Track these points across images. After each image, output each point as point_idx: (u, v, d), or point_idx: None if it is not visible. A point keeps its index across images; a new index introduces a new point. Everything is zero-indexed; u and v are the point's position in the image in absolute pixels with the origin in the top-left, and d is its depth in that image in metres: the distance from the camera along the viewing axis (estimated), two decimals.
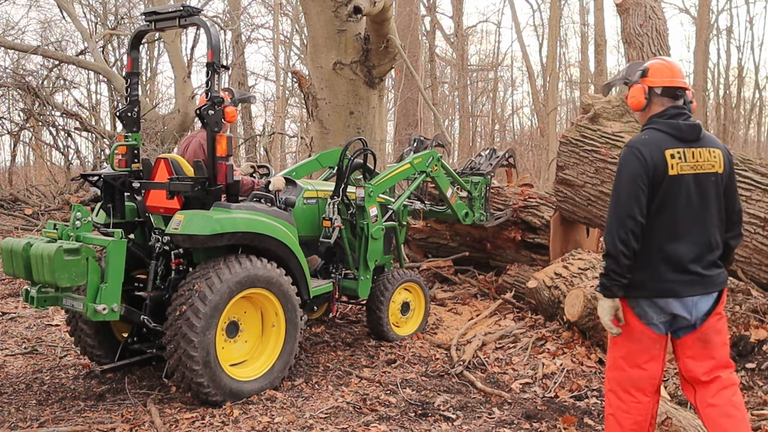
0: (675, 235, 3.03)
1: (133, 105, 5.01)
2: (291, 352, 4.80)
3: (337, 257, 5.75)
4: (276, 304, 4.71)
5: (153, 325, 4.54)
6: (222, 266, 4.42)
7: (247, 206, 4.76)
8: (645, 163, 3.00)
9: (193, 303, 4.25)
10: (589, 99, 7.02)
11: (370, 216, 5.63)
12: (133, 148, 4.99)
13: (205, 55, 5.61)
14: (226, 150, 4.60)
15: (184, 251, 4.71)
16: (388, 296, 5.80)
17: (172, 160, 4.82)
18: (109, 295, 4.21)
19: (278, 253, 4.83)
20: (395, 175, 6.10)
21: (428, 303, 6.18)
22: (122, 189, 4.85)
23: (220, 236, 4.45)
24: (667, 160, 3.01)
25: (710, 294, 3.08)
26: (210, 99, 4.57)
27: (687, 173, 3.04)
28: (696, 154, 3.06)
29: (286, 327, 4.77)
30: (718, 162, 3.10)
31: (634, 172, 3.01)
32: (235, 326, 4.63)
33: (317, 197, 5.70)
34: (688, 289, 3.03)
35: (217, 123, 4.59)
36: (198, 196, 4.59)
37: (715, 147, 3.12)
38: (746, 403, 4.23)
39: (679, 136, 3.07)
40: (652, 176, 3.00)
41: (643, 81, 3.17)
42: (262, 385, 4.62)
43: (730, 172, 3.16)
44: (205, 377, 4.27)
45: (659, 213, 3.04)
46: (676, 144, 3.05)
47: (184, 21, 4.67)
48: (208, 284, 4.31)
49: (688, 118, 3.12)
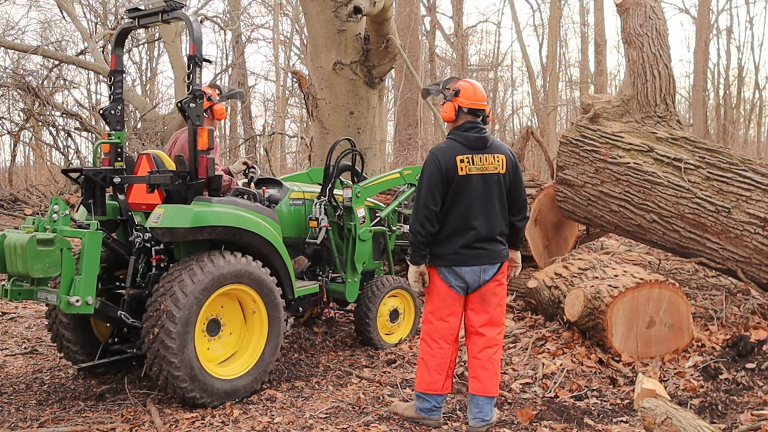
0: (467, 219, 3.92)
1: (117, 103, 4.96)
2: (273, 354, 4.67)
3: (324, 259, 5.65)
4: (258, 301, 4.60)
5: (131, 321, 4.41)
6: (203, 261, 4.32)
7: (228, 201, 4.68)
8: (439, 166, 3.89)
9: (172, 297, 4.15)
10: (589, 99, 7.02)
11: (357, 217, 5.55)
12: (117, 146, 4.92)
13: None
14: (207, 143, 4.52)
15: (165, 247, 4.61)
16: (376, 303, 5.65)
17: (154, 156, 4.76)
18: (83, 287, 4.10)
19: (261, 250, 4.73)
20: (384, 182, 6.03)
21: (418, 310, 6.01)
22: (103, 185, 4.75)
23: (201, 230, 4.35)
24: (457, 163, 3.89)
25: (494, 264, 4.00)
26: (191, 92, 4.51)
27: (474, 173, 3.92)
28: (482, 158, 3.94)
29: (269, 327, 4.64)
30: (501, 164, 3.98)
31: (431, 173, 3.90)
32: (216, 324, 4.52)
33: (304, 198, 5.59)
34: (476, 260, 3.95)
35: (198, 116, 4.51)
36: (179, 190, 4.51)
37: (500, 153, 4.00)
38: (746, 403, 4.24)
39: (469, 145, 3.94)
40: (445, 176, 3.88)
41: (455, 100, 3.99)
42: (240, 386, 4.49)
43: (514, 172, 4.02)
44: (183, 372, 4.17)
45: (454, 203, 3.92)
46: (466, 151, 3.92)
47: (166, 16, 4.63)
48: (188, 278, 4.21)
49: (480, 131, 3.98)
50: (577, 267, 5.91)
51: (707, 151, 5.96)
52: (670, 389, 4.55)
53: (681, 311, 5.19)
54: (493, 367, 4.02)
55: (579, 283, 5.62)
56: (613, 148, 6.26)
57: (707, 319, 5.70)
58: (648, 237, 6.19)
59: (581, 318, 5.27)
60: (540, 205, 7.00)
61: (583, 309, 5.24)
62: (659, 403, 3.46)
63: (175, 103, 5.01)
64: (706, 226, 5.71)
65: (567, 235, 7.38)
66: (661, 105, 6.77)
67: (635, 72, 6.87)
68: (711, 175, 5.75)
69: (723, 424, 3.94)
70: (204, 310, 4.32)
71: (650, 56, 6.82)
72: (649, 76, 6.80)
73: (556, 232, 7.26)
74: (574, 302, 5.33)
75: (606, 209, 6.30)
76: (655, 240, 6.16)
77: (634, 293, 5.12)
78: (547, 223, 7.15)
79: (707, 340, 5.28)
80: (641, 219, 6.07)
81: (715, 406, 4.22)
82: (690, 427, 3.47)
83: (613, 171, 6.17)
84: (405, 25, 17.38)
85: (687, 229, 5.81)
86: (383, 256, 6.13)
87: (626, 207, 6.14)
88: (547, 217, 7.16)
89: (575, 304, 5.32)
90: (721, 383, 4.64)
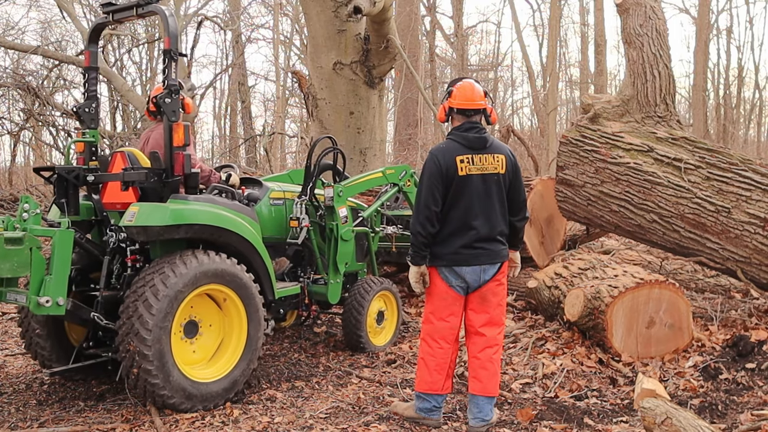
0: (467, 219, 3.91)
1: (91, 100, 4.90)
2: (252, 357, 4.56)
3: (306, 260, 5.58)
4: (237, 301, 4.49)
5: (105, 323, 4.28)
6: (178, 261, 4.20)
7: (206, 199, 4.57)
8: (440, 167, 3.88)
9: (146, 298, 4.04)
10: (589, 99, 7.01)
11: (339, 217, 5.47)
12: (91, 144, 4.85)
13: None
14: (183, 139, 4.42)
15: (141, 247, 4.50)
16: (365, 305, 5.56)
17: (128, 153, 4.68)
18: (53, 288, 3.98)
19: (240, 249, 4.63)
20: (366, 181, 5.97)
21: (401, 312, 5.97)
22: (76, 183, 4.65)
23: (177, 228, 4.24)
24: (457, 164, 3.89)
25: (494, 264, 4.00)
26: (167, 87, 4.40)
27: (474, 174, 3.91)
28: (482, 159, 3.93)
29: (248, 328, 4.53)
30: (501, 165, 3.97)
31: (431, 174, 3.90)
32: (194, 326, 4.42)
33: (284, 198, 5.49)
34: (476, 260, 3.95)
35: (174, 112, 4.42)
36: (154, 187, 4.41)
37: (499, 153, 3.98)
38: (746, 403, 4.24)
39: (468, 146, 3.93)
40: (445, 176, 3.88)
41: (447, 101, 4.02)
42: (220, 388, 4.39)
43: (513, 172, 4.02)
44: (161, 377, 4.06)
45: (454, 204, 3.92)
46: (465, 151, 3.92)
47: (141, 10, 4.58)
48: (162, 279, 4.09)
49: (480, 131, 3.97)
50: (577, 267, 5.92)
51: (707, 151, 5.96)
52: (670, 389, 4.55)
53: (681, 311, 5.19)
54: (493, 367, 4.03)
55: (579, 283, 5.62)
56: (613, 148, 6.26)
57: (707, 319, 5.70)
58: (648, 237, 6.19)
59: (581, 318, 5.27)
60: (531, 204, 7.03)
61: (583, 309, 5.24)
62: (659, 403, 3.46)
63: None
64: (706, 226, 5.71)
65: (558, 227, 7.47)
66: (661, 105, 6.76)
67: (635, 72, 6.87)
68: (711, 175, 5.75)
69: (723, 424, 3.94)
70: (179, 312, 4.21)
71: (650, 56, 6.81)
72: (649, 76, 6.79)
73: (548, 226, 7.32)
74: (574, 302, 5.33)
75: (606, 209, 6.30)
76: (655, 240, 6.16)
77: (634, 293, 5.12)
78: (539, 220, 7.18)
79: (707, 340, 5.28)
80: (641, 219, 6.07)
81: (715, 406, 4.22)
82: (690, 427, 3.47)
83: (613, 171, 6.17)
84: (405, 25, 17.38)
85: (687, 229, 5.81)
86: (366, 258, 6.05)
87: (626, 207, 6.14)
88: (539, 215, 7.19)
89: (575, 304, 5.32)
90: (721, 383, 4.64)
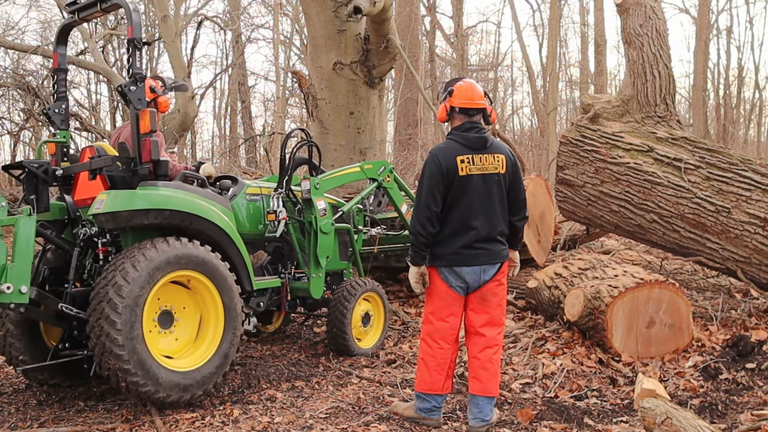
0: (467, 219, 3.90)
1: (61, 101, 4.90)
2: (229, 348, 4.49)
3: (286, 256, 5.53)
4: (212, 289, 4.43)
5: (75, 312, 4.24)
6: (149, 245, 4.16)
7: (176, 185, 4.55)
8: (440, 167, 3.86)
9: (116, 282, 4.00)
10: (589, 99, 7.02)
11: (317, 209, 5.41)
12: (63, 145, 4.86)
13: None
14: (149, 125, 4.39)
15: (113, 239, 4.49)
16: (350, 307, 5.46)
17: (97, 147, 4.69)
18: (16, 275, 3.94)
19: (214, 238, 4.58)
20: (342, 176, 5.94)
21: (387, 314, 5.87)
22: (45, 179, 4.63)
23: (146, 213, 4.22)
24: (458, 164, 3.87)
25: (494, 264, 3.99)
26: (131, 75, 4.39)
27: (475, 174, 3.90)
28: (482, 159, 3.92)
29: (225, 316, 4.47)
30: (501, 164, 3.96)
31: (431, 174, 3.88)
32: (169, 316, 4.37)
33: (261, 194, 5.44)
34: (476, 260, 3.94)
35: (140, 100, 4.39)
36: (123, 176, 4.40)
37: (500, 153, 3.97)
38: (746, 403, 4.24)
39: (469, 146, 3.92)
40: (445, 176, 3.86)
41: (448, 101, 4.00)
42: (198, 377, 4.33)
43: (513, 172, 4.00)
44: (132, 365, 3.99)
45: (455, 204, 3.90)
46: (466, 151, 3.90)
47: (104, 5, 4.57)
48: (132, 262, 4.05)
49: (480, 131, 3.96)
50: (577, 267, 5.92)
51: (707, 151, 5.96)
52: (670, 389, 4.55)
53: (681, 311, 5.19)
54: (493, 367, 4.03)
55: (579, 283, 5.62)
56: (613, 148, 6.26)
57: (707, 319, 5.70)
58: (648, 237, 6.19)
59: (581, 318, 5.27)
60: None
61: (583, 309, 5.24)
62: (659, 403, 3.46)
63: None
64: (706, 226, 5.71)
65: (549, 222, 7.51)
66: (661, 105, 6.76)
67: (635, 72, 6.87)
68: (711, 175, 5.75)
69: (723, 424, 3.94)
70: (151, 298, 4.16)
71: (650, 56, 6.81)
72: (649, 76, 6.79)
73: (541, 223, 7.33)
74: (574, 302, 5.33)
75: (606, 209, 6.30)
76: (655, 240, 6.16)
77: (634, 293, 5.12)
78: (534, 218, 7.20)
79: (707, 340, 5.28)
80: (641, 219, 6.07)
81: (715, 406, 4.22)
82: (690, 427, 3.47)
83: (613, 171, 6.17)
84: (405, 25, 17.38)
85: (687, 229, 5.81)
86: (350, 257, 6.01)
87: (626, 207, 6.14)
88: (533, 213, 7.21)
89: (575, 304, 5.32)
90: (721, 383, 4.64)
